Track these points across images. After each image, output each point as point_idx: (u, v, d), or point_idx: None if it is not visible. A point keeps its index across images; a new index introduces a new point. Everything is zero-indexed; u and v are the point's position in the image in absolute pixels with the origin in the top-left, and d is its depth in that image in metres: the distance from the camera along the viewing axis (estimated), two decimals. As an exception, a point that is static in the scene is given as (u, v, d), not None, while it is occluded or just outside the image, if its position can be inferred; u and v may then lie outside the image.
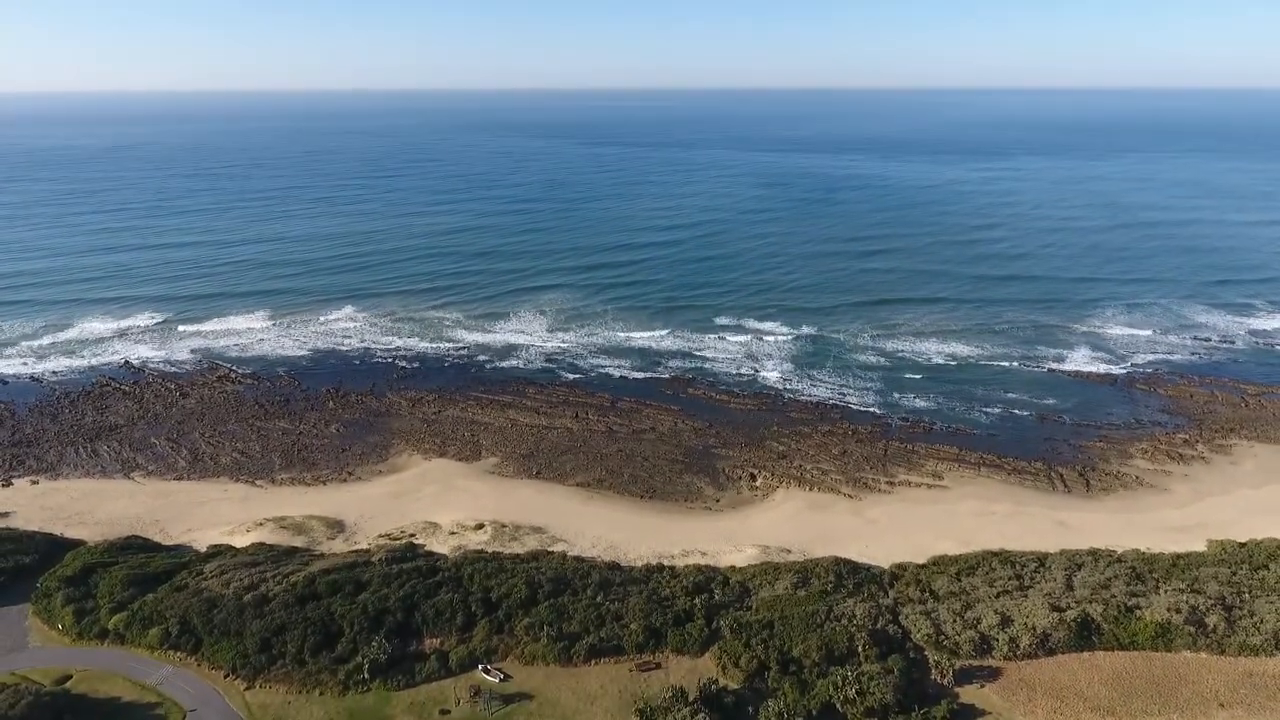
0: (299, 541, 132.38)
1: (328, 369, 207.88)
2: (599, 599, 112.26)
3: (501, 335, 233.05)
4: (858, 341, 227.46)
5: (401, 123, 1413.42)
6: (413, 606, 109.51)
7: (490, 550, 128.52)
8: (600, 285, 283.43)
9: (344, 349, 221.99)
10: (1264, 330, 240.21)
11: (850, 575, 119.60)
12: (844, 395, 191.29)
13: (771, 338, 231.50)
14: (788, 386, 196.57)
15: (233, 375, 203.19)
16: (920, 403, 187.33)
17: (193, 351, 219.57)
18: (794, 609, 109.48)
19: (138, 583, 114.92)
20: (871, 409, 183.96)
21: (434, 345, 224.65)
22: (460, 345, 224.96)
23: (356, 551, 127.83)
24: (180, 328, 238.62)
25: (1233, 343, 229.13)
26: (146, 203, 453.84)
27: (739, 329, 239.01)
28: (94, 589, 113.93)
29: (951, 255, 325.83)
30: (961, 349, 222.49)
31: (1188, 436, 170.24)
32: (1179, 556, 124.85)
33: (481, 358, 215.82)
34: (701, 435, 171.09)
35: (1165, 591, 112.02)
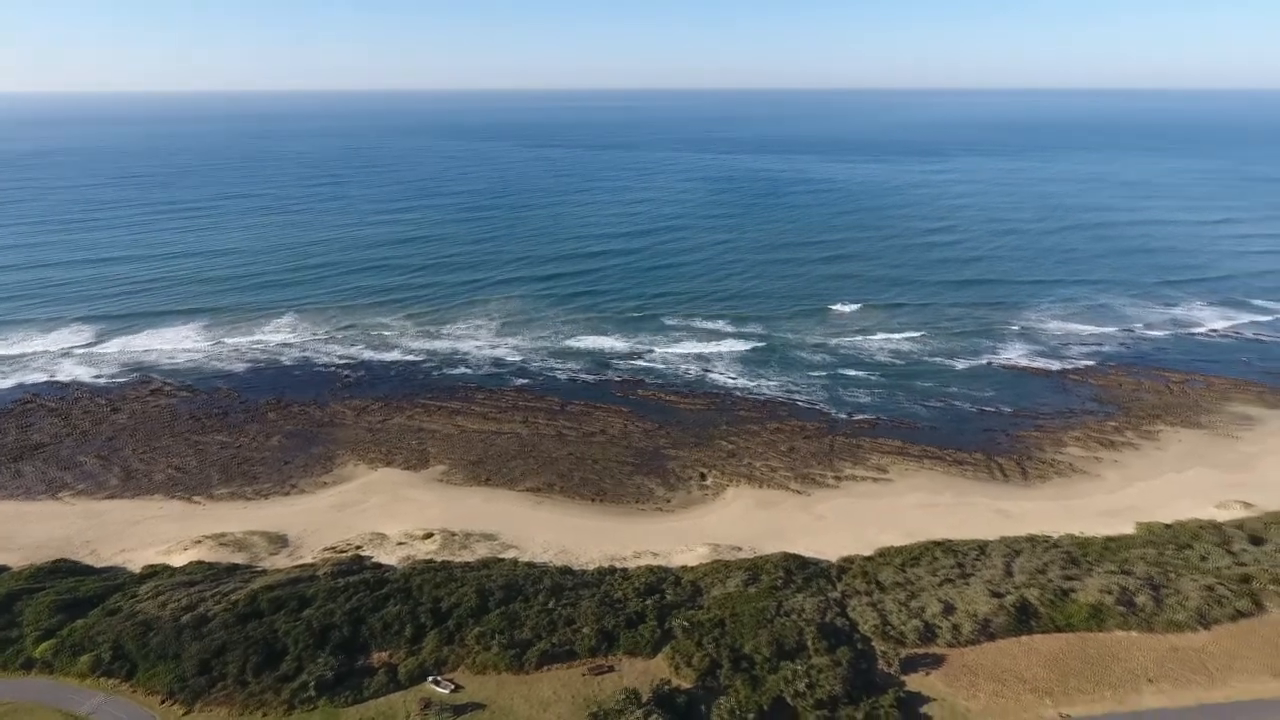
0: (240, 558, 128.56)
1: (268, 380, 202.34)
2: (551, 604, 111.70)
3: (449, 342, 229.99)
4: (806, 340, 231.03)
5: (345, 125, 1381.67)
6: (360, 620, 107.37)
7: (439, 559, 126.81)
8: (552, 291, 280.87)
9: (285, 360, 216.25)
10: (1186, 319, 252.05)
11: (799, 570, 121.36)
12: (792, 393, 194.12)
13: (721, 339, 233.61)
14: (737, 386, 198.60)
15: (166, 389, 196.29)
16: (865, 398, 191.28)
17: (123, 366, 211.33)
18: (745, 606, 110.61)
19: (66, 608, 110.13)
20: (818, 406, 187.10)
21: (379, 354, 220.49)
22: (407, 353, 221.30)
23: (301, 566, 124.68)
24: (110, 342, 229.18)
25: (1158, 333, 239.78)
26: (72, 213, 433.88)
27: (689, 330, 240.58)
28: (18, 617, 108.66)
29: (905, 258, 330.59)
30: (906, 346, 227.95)
31: (1117, 424, 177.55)
32: (1110, 539, 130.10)
33: (428, 364, 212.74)
34: (652, 436, 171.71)
35: (1098, 574, 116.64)
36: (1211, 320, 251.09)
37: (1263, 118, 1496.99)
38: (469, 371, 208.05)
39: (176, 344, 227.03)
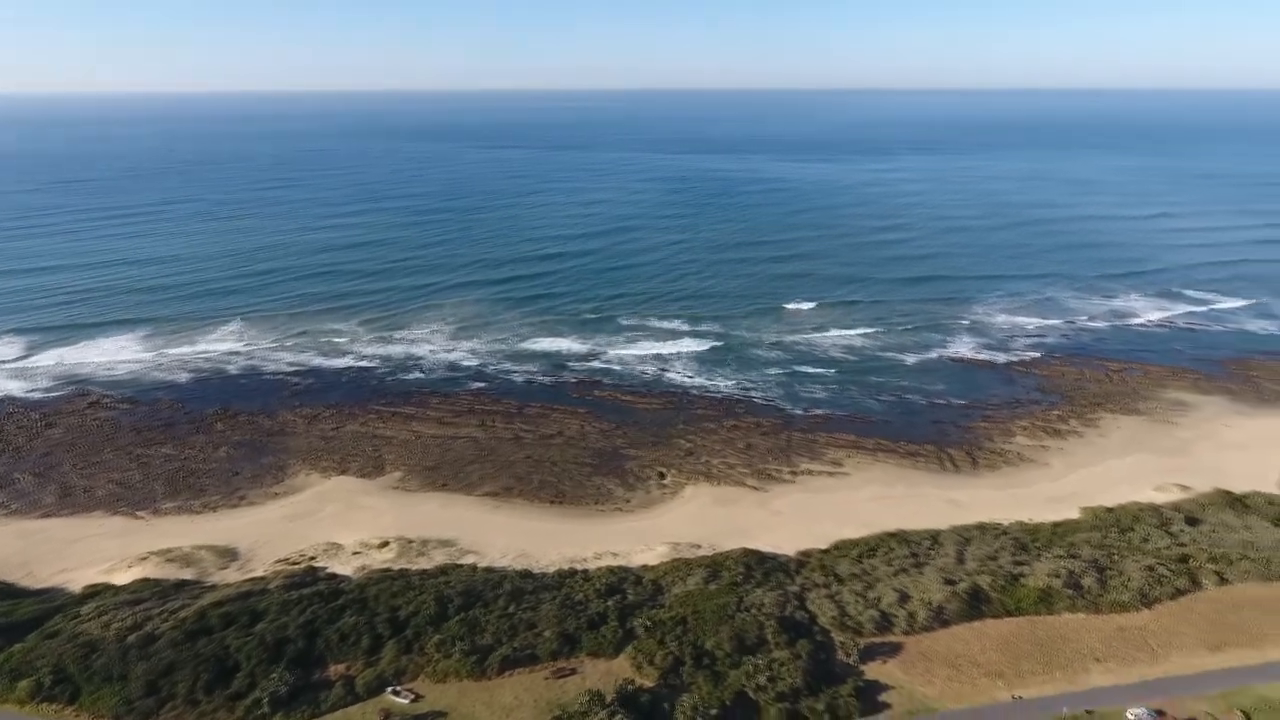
0: (188, 574, 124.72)
1: (214, 390, 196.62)
2: (511, 609, 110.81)
3: (403, 347, 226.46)
4: (761, 339, 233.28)
5: (295, 128, 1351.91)
6: (315, 633, 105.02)
7: (397, 568, 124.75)
8: (507, 295, 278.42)
9: (231, 369, 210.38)
10: (1125, 310, 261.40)
11: (759, 565, 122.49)
12: (748, 391, 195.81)
13: (677, 338, 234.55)
14: (694, 385, 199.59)
15: (105, 401, 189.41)
16: (820, 394, 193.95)
17: (58, 379, 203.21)
18: (705, 603, 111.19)
19: (2, 633, 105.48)
20: (774, 403, 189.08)
21: (330, 360, 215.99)
22: (359, 358, 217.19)
23: (252, 580, 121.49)
24: (43, 354, 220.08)
25: (1099, 324, 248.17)
26: (4, 221, 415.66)
27: (645, 330, 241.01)
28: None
29: (857, 256, 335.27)
30: (859, 342, 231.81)
31: (1061, 413, 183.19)
32: (1057, 525, 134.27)
33: (382, 370, 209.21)
34: (610, 437, 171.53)
35: (1046, 559, 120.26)
36: (1148, 311, 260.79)
37: (1198, 118, 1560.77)
38: (424, 376, 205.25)
39: (115, 355, 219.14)
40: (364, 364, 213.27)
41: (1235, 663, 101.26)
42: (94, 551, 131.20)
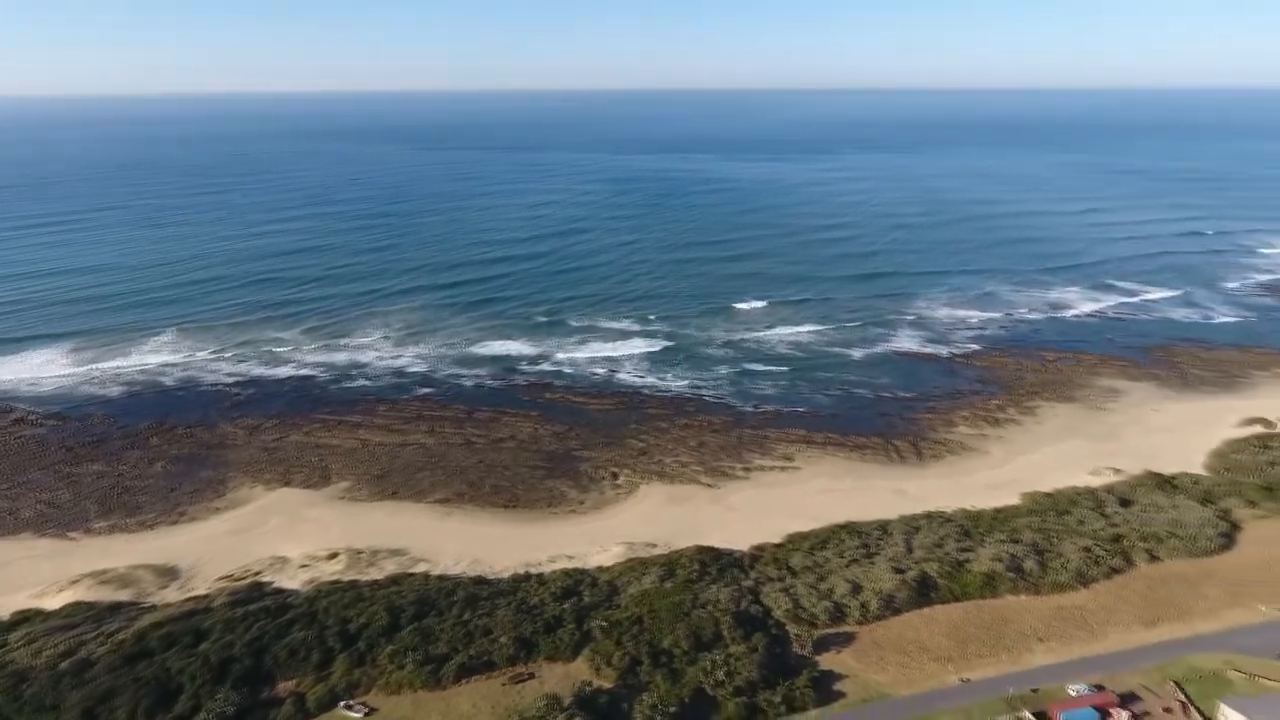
0: (125, 595, 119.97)
1: (148, 404, 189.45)
2: (466, 616, 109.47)
3: (347, 354, 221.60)
4: (711, 338, 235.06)
5: (232, 130, 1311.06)
6: (262, 650, 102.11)
7: (346, 579, 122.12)
8: (455, 299, 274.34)
9: (167, 381, 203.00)
10: (1059, 302, 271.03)
11: (713, 562, 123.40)
12: (699, 390, 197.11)
13: (628, 338, 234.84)
14: (645, 385, 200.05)
15: (31, 418, 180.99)
16: (770, 391, 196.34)
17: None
18: (661, 601, 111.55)
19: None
20: (725, 400, 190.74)
21: (271, 370, 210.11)
22: (301, 367, 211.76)
23: (194, 599, 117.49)
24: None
25: (1035, 316, 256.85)
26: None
27: (596, 332, 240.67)
28: None
29: (805, 255, 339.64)
30: (807, 339, 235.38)
31: (1000, 402, 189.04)
32: (998, 511, 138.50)
33: (325, 378, 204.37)
34: (562, 439, 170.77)
35: (989, 544, 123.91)
36: (1082, 303, 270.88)
37: (1126, 116, 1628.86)
38: (369, 383, 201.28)
39: (42, 370, 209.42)
40: (307, 372, 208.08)
41: (1167, 636, 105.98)
42: (22, 576, 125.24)
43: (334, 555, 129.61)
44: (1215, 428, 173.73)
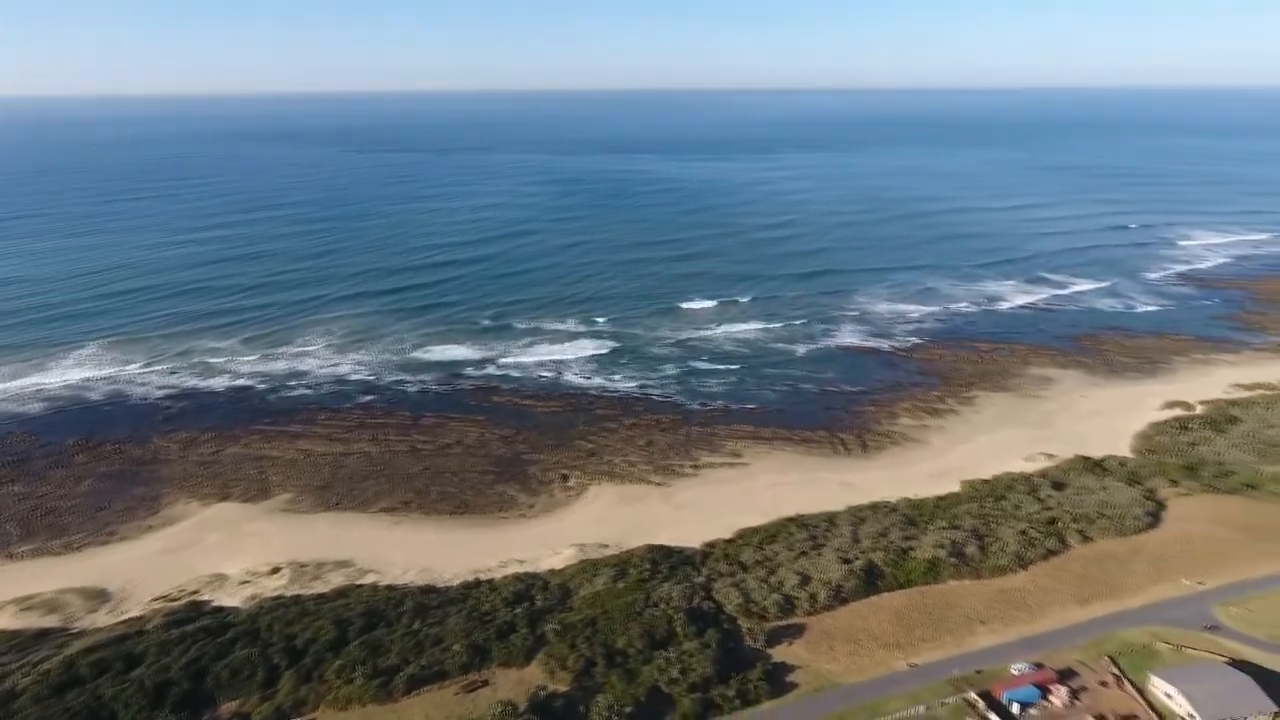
0: (51, 621, 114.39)
1: (72, 420, 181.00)
2: (416, 626, 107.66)
3: (286, 363, 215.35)
4: (658, 337, 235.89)
5: (159, 132, 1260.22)
6: (202, 671, 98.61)
7: (290, 594, 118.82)
8: (398, 305, 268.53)
9: (92, 396, 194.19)
10: (994, 295, 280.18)
11: (665, 560, 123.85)
12: (647, 389, 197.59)
13: (574, 339, 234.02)
14: (593, 386, 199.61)
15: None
16: (717, 388, 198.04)
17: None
18: (614, 602, 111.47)
19: None
20: (673, 399, 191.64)
21: (206, 381, 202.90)
22: (238, 377, 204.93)
23: (127, 621, 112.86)
24: None
25: (971, 309, 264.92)
26: None
27: (543, 334, 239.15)
28: None
29: (750, 254, 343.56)
30: (752, 336, 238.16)
31: (940, 393, 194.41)
32: (940, 499, 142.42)
33: (263, 388, 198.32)
34: (510, 442, 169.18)
35: (931, 531, 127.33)
36: (1015, 295, 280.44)
37: (1054, 114, 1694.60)
38: (310, 392, 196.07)
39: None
40: (244, 383, 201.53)
41: (1100, 613, 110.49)
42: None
43: (276, 570, 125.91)
44: (1139, 412, 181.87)
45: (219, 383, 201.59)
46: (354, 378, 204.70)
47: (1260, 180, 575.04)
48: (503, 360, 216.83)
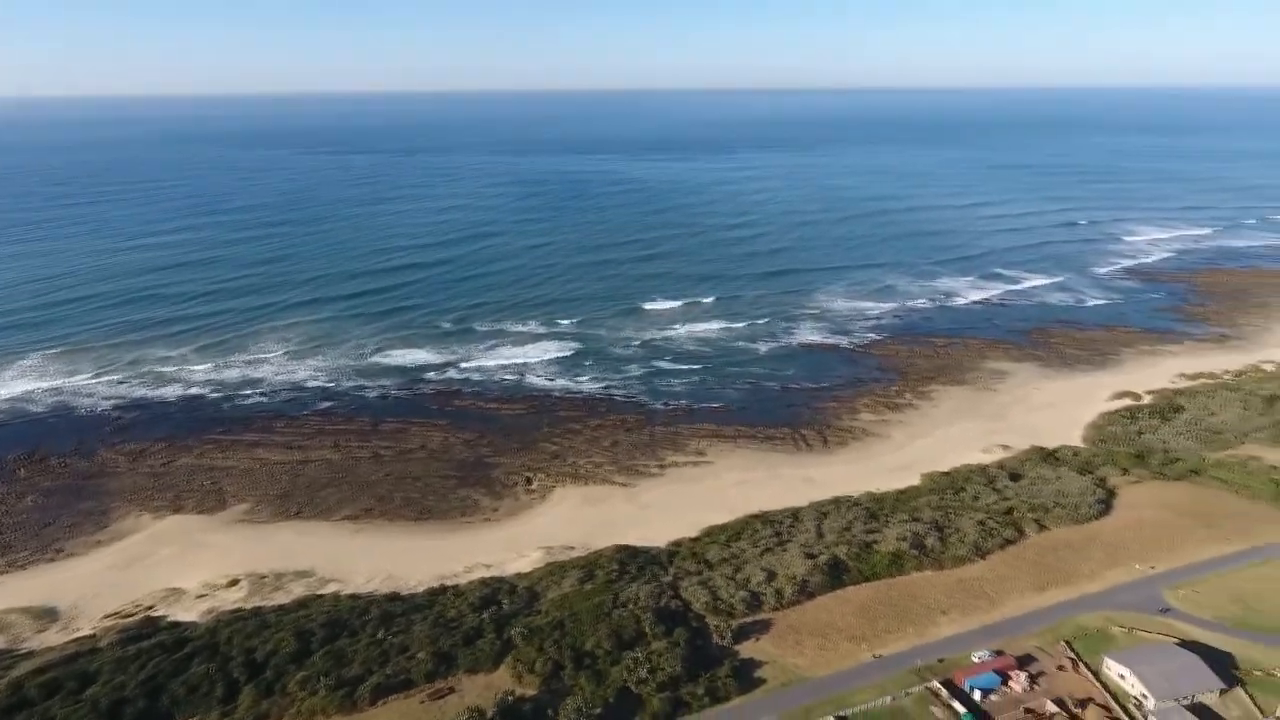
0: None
1: (14, 434, 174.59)
2: (381, 635, 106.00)
3: (240, 370, 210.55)
4: (621, 338, 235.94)
5: (110, 135, 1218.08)
6: (158, 689, 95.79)
7: (250, 606, 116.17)
8: (358, 310, 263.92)
9: (34, 409, 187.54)
10: (949, 291, 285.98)
11: (632, 560, 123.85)
12: (610, 390, 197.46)
13: (538, 340, 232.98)
14: (556, 388, 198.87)
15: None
16: (681, 387, 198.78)
17: None
18: (582, 604, 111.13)
19: None
20: (637, 399, 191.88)
21: (156, 390, 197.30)
22: (190, 386, 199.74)
23: (78, 640, 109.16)
24: None
25: (927, 305, 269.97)
26: None
27: (506, 336, 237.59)
28: None
29: (712, 254, 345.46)
30: (715, 335, 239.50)
31: (898, 388, 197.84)
32: (901, 492, 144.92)
33: (217, 396, 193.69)
34: (474, 446, 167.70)
35: (893, 524, 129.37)
36: (970, 291, 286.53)
37: (1006, 113, 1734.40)
38: (265, 399, 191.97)
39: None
40: (196, 392, 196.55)
41: (1057, 599, 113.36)
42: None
43: (235, 582, 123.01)
44: (1090, 403, 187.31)
45: (170, 392, 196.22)
46: (312, 384, 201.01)
47: (1203, 177, 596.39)
48: (465, 364, 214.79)
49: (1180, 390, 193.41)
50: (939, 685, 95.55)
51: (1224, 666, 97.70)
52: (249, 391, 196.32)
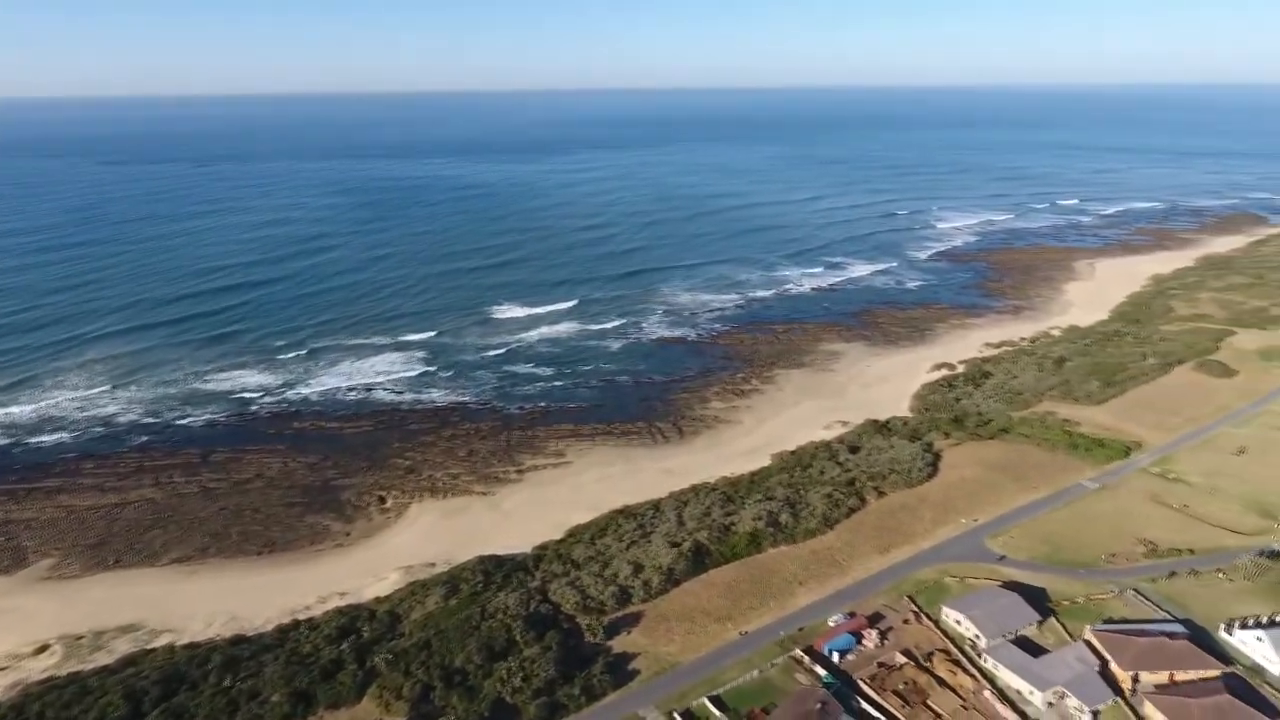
0: None
1: None
2: (227, 683, 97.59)
3: (33, 408, 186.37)
4: (471, 345, 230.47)
5: None
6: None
7: (65, 673, 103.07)
8: (177, 338, 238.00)
9: None
10: (787, 280, 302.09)
11: (497, 570, 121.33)
12: (462, 398, 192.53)
13: (380, 353, 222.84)
14: (404, 401, 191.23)
15: None
16: (534, 390, 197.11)
17: None
18: (448, 620, 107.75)
19: None
20: (491, 405, 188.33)
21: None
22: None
23: None
24: None
25: (767, 294, 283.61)
26: None
27: (344, 351, 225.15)
28: None
29: (564, 257, 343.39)
30: (566, 336, 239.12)
31: (745, 375, 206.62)
32: (754, 474, 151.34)
33: (6, 441, 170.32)
34: (318, 469, 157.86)
35: (749, 505, 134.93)
36: (805, 280, 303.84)
37: (831, 111, 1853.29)
38: (68, 439, 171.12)
39: None
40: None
41: (898, 558, 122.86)
42: None
43: (44, 648, 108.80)
44: (914, 375, 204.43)
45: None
46: (125, 418, 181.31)
47: (1003, 167, 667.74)
48: (304, 384, 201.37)
49: (987, 358, 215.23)
50: (801, 653, 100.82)
51: (1039, 601, 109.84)
52: (47, 431, 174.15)
